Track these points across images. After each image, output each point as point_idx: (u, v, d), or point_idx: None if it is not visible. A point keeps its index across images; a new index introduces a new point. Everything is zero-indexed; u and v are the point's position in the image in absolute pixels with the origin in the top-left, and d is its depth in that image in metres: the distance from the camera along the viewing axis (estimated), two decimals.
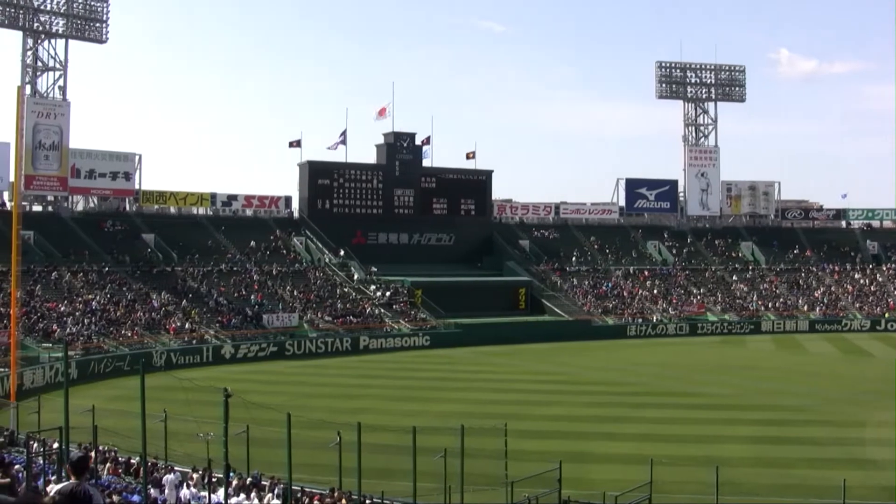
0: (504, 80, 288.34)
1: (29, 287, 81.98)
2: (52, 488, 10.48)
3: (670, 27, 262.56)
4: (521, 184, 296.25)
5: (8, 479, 16.90)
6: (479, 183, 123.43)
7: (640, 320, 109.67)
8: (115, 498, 28.10)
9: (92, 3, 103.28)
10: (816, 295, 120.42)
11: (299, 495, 32.45)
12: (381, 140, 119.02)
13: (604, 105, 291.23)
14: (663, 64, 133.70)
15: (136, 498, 30.31)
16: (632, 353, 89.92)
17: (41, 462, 31.82)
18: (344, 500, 30.83)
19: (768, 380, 70.81)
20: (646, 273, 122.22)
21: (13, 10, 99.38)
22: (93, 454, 33.93)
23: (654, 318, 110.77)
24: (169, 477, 32.93)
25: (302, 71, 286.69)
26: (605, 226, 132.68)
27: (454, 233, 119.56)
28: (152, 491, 31.28)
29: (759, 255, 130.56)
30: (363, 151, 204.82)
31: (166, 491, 31.89)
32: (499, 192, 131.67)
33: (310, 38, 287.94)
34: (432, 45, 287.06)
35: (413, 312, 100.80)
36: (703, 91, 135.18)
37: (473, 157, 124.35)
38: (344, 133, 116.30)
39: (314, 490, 33.34)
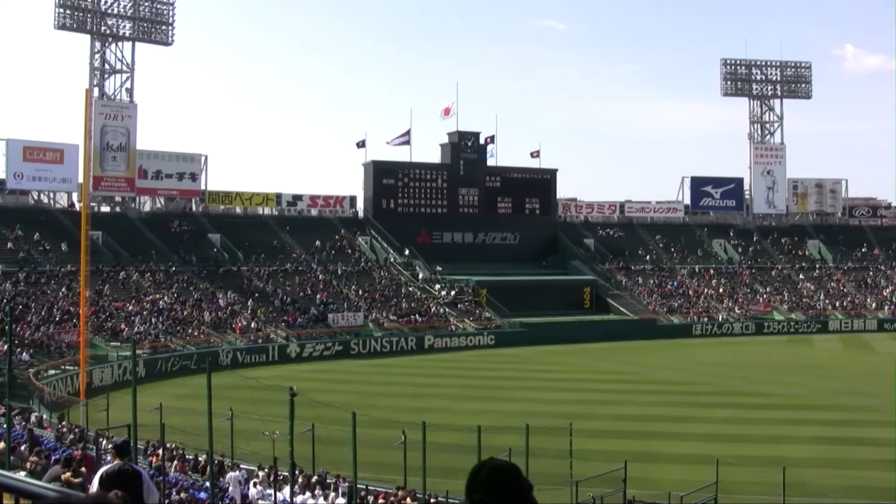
0: (567, 78, 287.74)
1: (97, 287, 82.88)
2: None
3: (734, 24, 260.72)
4: (585, 182, 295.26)
5: (80, 479, 17.16)
6: (543, 182, 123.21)
7: (705, 319, 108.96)
8: (182, 495, 28.42)
9: (158, 7, 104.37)
10: (885, 294, 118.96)
11: (364, 494, 32.62)
12: (446, 139, 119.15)
13: (668, 103, 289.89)
14: (728, 61, 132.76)
15: (202, 495, 30.63)
16: (697, 352, 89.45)
17: (110, 459, 32.18)
18: (409, 499, 30.95)
19: (836, 380, 70.17)
20: (711, 272, 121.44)
21: (81, 14, 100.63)
22: (160, 452, 34.35)
23: (720, 317, 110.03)
24: (233, 474, 33.21)
25: (367, 71, 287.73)
26: (671, 224, 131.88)
27: (519, 232, 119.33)
28: (219, 488, 31.58)
29: (826, 254, 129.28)
30: (428, 151, 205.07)
31: (230, 488, 32.17)
32: (563, 190, 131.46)
33: (375, 38, 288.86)
34: (495, 45, 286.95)
35: (478, 312, 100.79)
36: (769, 88, 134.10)
37: (538, 155, 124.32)
38: (408, 132, 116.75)
39: (379, 489, 33.51)
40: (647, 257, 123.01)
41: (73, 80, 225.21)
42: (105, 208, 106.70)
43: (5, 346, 48.40)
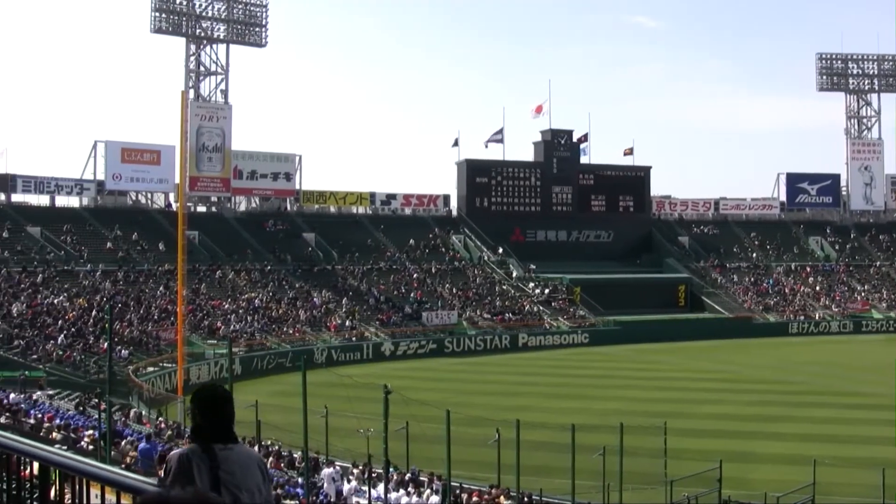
0: (659, 74, 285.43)
1: (194, 286, 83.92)
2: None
3: (829, 18, 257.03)
4: (679, 180, 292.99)
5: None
6: (637, 179, 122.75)
7: (802, 318, 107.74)
8: (278, 491, 28.71)
9: (252, 9, 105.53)
10: None
11: (458, 492, 32.71)
12: (539, 137, 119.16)
13: (762, 98, 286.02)
14: (824, 56, 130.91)
15: (298, 491, 30.91)
16: (794, 351, 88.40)
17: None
18: (502, 497, 30.99)
19: None
20: (808, 269, 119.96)
21: (177, 18, 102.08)
22: (256, 448, 34.73)
23: (817, 315, 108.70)
24: (327, 471, 33.47)
25: (459, 70, 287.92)
26: (766, 221, 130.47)
27: (613, 230, 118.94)
28: (313, 485, 31.86)
29: None
30: (521, 149, 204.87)
31: (325, 485, 32.42)
32: (657, 188, 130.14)
33: (467, 37, 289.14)
34: (587, 42, 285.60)
35: (572, 310, 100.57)
36: (866, 82, 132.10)
37: (631, 153, 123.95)
38: (500, 131, 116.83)
39: (473, 486, 33.57)
40: (742, 255, 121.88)
41: (169, 83, 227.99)
42: (201, 208, 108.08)
43: (106, 344, 49.23)
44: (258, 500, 6.61)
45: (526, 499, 31.93)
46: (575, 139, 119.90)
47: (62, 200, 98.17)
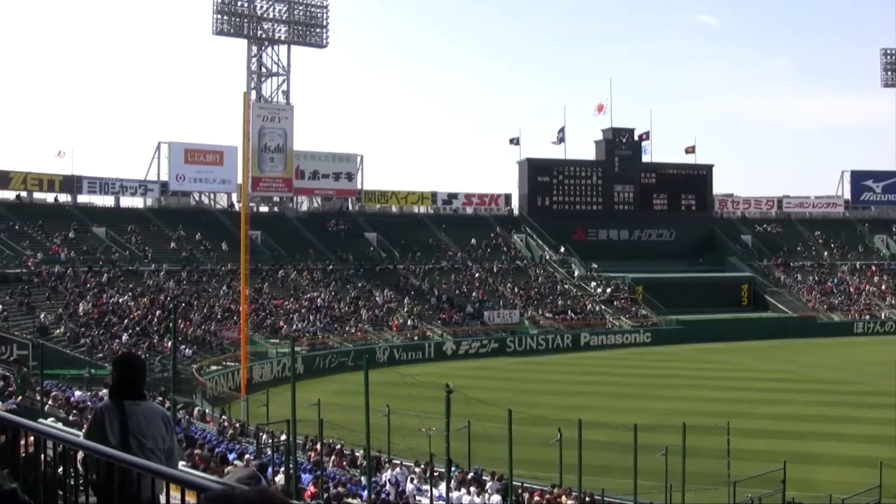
0: (721, 72, 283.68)
1: (257, 285, 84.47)
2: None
3: (892, 13, 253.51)
4: (741, 178, 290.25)
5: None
6: (699, 178, 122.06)
7: (867, 317, 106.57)
8: (339, 489, 28.82)
9: (312, 10, 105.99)
10: None
11: (520, 491, 32.72)
12: (600, 136, 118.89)
13: (825, 95, 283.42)
14: (888, 51, 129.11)
15: (360, 490, 31.03)
16: (859, 350, 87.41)
17: (269, 453, 32.82)
18: (564, 497, 30.96)
19: None
20: (873, 268, 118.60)
21: (238, 20, 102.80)
22: (318, 446, 34.90)
23: (883, 314, 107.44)
24: (392, 472, 33.55)
25: (520, 69, 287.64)
26: (830, 219, 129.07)
27: (675, 228, 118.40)
28: (376, 483, 31.96)
29: None
30: (582, 148, 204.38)
31: (387, 486, 32.51)
32: (719, 186, 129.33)
33: (527, 36, 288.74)
34: (648, 40, 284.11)
35: (634, 309, 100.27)
36: None
37: (693, 151, 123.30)
38: (562, 130, 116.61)
39: (535, 486, 33.57)
40: (806, 254, 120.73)
41: (231, 84, 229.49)
42: (263, 208, 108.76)
43: (170, 343, 49.65)
44: (161, 446, 7.92)
45: (588, 498, 31.88)
46: (636, 137, 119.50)
47: (127, 201, 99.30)
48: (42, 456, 6.82)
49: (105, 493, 6.32)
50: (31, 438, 7.22)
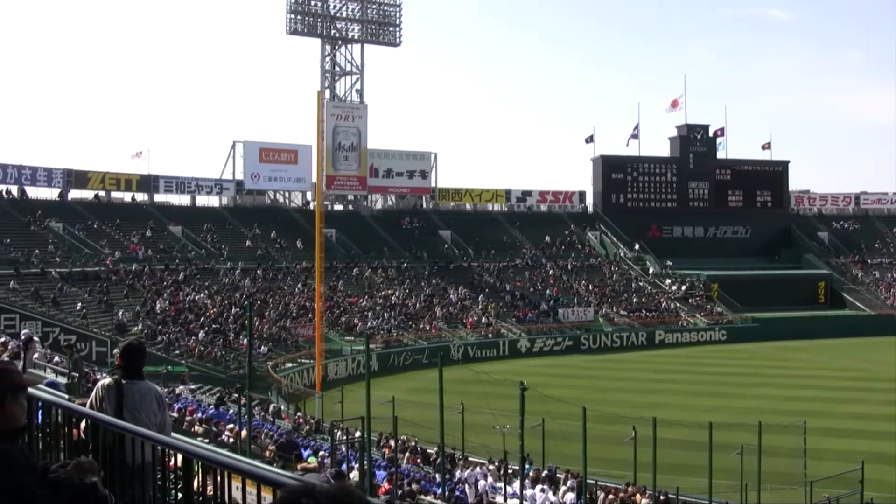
0: (794, 67, 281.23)
1: (332, 283, 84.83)
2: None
3: None
4: (818, 174, 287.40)
5: (315, 463, 17.82)
6: (775, 174, 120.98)
7: None
8: (413, 486, 28.95)
9: (385, 9, 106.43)
10: None
11: (594, 489, 32.64)
12: (674, 133, 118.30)
13: None
14: None
15: (434, 487, 31.13)
16: None
17: (343, 450, 33.01)
18: (639, 496, 30.85)
19: None
20: None
21: (311, 19, 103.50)
22: (393, 443, 35.05)
23: None
24: (472, 472, 33.59)
25: (594, 66, 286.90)
26: None
27: (750, 225, 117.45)
28: (450, 480, 32.03)
29: None
30: (655, 145, 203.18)
31: (462, 483, 32.56)
32: (796, 182, 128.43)
33: (600, 33, 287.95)
34: (721, 36, 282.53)
35: (709, 307, 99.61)
36: None
37: (769, 147, 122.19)
38: (636, 127, 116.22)
39: (609, 484, 33.47)
40: (885, 250, 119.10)
41: (304, 83, 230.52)
42: (338, 206, 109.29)
43: (245, 340, 50.07)
44: (153, 420, 8.77)
45: (662, 497, 31.74)
46: (711, 134, 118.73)
47: (202, 200, 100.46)
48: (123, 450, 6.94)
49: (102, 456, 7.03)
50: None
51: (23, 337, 23.54)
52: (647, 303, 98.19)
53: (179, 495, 6.66)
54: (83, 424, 7.59)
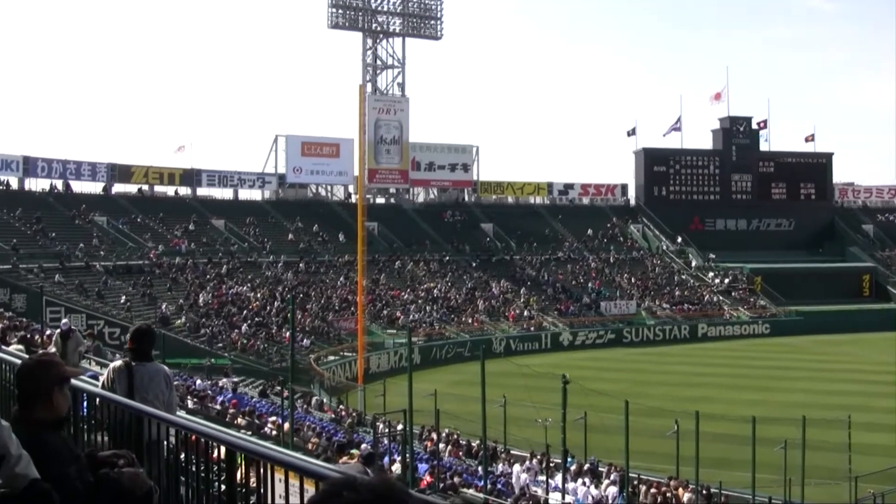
0: (837, 59, 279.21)
1: (374, 276, 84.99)
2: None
3: None
4: (863, 166, 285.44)
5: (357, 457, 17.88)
6: (818, 166, 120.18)
7: None
8: (455, 479, 28.98)
9: (426, 2, 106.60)
10: None
11: (636, 482, 32.59)
12: (717, 125, 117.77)
13: None
14: None
15: (476, 480, 31.15)
16: None
17: (386, 442, 33.09)
18: (681, 489, 30.78)
19: None
20: None
21: (353, 13, 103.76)
22: (434, 436, 35.09)
23: None
24: (521, 466, 33.61)
25: (636, 59, 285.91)
26: None
27: (794, 218, 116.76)
28: (492, 474, 32.05)
29: None
30: (698, 137, 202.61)
31: (512, 480, 32.57)
32: (840, 175, 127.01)
33: (642, 26, 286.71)
34: (763, 28, 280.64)
35: (752, 300, 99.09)
36: None
37: (812, 139, 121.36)
38: (679, 119, 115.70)
39: (651, 478, 33.41)
40: None
41: (346, 77, 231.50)
42: (380, 200, 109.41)
43: (288, 333, 50.22)
44: (161, 399, 9.41)
45: (705, 491, 31.67)
46: (754, 126, 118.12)
47: (245, 193, 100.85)
48: (164, 443, 6.99)
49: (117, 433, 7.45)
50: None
51: (63, 328, 23.66)
52: (690, 296, 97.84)
53: (222, 487, 6.70)
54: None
